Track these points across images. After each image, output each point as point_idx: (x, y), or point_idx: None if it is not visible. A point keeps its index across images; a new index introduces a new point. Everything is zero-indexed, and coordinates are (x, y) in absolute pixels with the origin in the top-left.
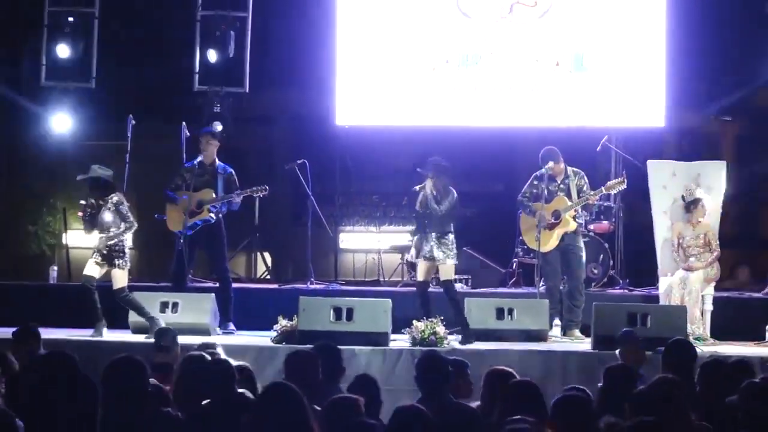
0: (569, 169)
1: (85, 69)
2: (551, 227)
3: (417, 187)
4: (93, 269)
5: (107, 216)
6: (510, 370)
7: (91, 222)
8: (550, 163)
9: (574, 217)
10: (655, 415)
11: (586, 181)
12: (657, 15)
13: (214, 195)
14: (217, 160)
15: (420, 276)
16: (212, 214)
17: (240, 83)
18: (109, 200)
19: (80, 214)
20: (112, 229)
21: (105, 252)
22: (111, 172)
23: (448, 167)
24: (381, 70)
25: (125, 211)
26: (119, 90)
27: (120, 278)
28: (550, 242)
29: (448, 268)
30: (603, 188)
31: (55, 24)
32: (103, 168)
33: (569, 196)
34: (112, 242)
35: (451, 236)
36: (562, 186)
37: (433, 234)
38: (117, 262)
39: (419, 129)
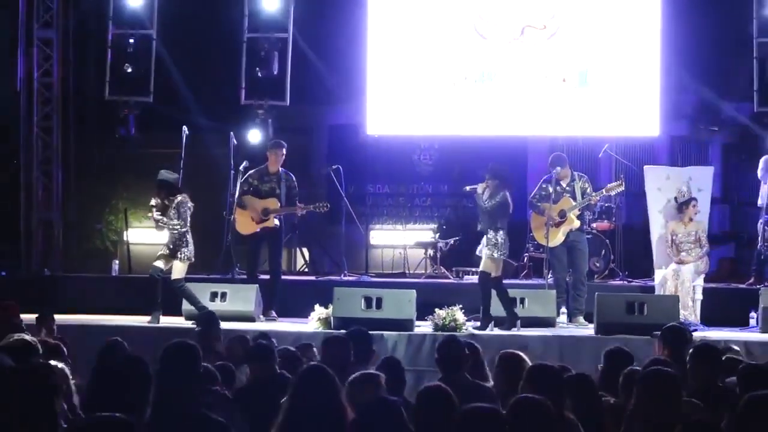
0: (574, 173)
1: (144, 84)
2: (558, 225)
3: (468, 188)
4: (160, 261)
5: (172, 214)
6: (520, 353)
7: (160, 220)
8: (558, 168)
9: (578, 216)
10: (646, 392)
11: (590, 183)
12: (651, 36)
13: (279, 205)
14: (280, 167)
15: (480, 267)
16: (276, 221)
17: (282, 97)
18: (174, 200)
19: (149, 214)
20: (175, 226)
21: (171, 246)
22: (176, 175)
23: (502, 171)
24: (407, 86)
25: (183, 211)
26: (174, 103)
27: (179, 270)
28: (557, 238)
29: (487, 261)
30: (603, 190)
31: (118, 44)
32: (169, 171)
33: (574, 197)
34: (176, 237)
35: (501, 233)
36: (567, 188)
37: (487, 230)
38: (179, 255)
39: (441, 138)
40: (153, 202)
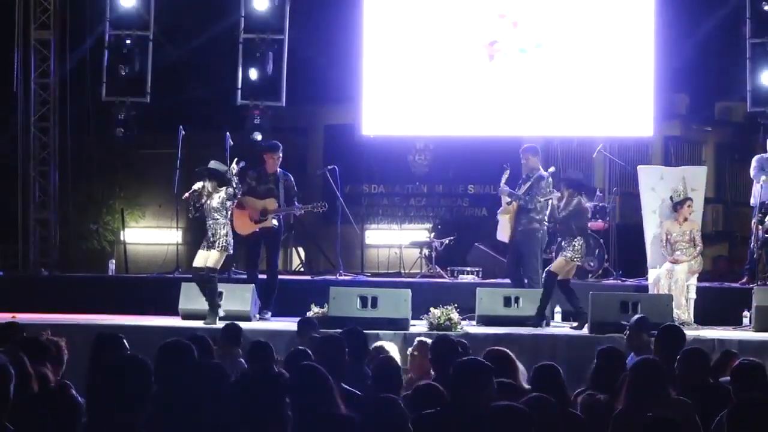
0: (541, 171)
1: (141, 85)
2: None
3: (544, 198)
4: (199, 259)
5: (215, 203)
6: (506, 350)
7: (196, 207)
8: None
9: (524, 213)
10: (640, 391)
11: (544, 185)
12: (645, 37)
13: (277, 205)
14: (278, 169)
15: (551, 267)
16: (275, 221)
17: (278, 98)
18: (222, 191)
19: (186, 195)
20: (216, 216)
21: (210, 236)
22: (226, 168)
23: (576, 180)
24: (402, 86)
25: (230, 205)
26: (171, 104)
27: (215, 259)
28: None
29: (561, 262)
30: None
31: (115, 46)
32: (219, 163)
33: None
34: (217, 227)
35: (579, 240)
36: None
37: (565, 237)
38: (217, 245)
39: (436, 138)
40: (197, 186)
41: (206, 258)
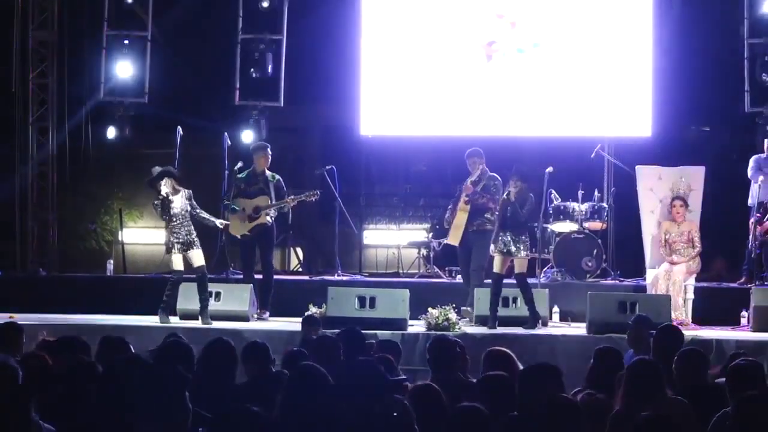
0: (488, 173)
1: (139, 85)
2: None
3: (504, 196)
4: (178, 263)
5: (185, 204)
6: (507, 350)
7: (166, 211)
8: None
9: (474, 215)
10: (637, 391)
11: (495, 184)
12: (643, 37)
13: (269, 201)
14: (266, 169)
15: (495, 268)
16: (269, 218)
17: (276, 98)
18: (185, 191)
19: (172, 204)
20: (187, 216)
21: (186, 238)
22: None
23: (527, 172)
24: (400, 87)
25: (192, 202)
26: (169, 104)
27: (202, 257)
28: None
29: (520, 262)
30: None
31: (113, 46)
32: (156, 167)
33: None
34: (189, 227)
35: (527, 235)
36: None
37: (518, 233)
38: (197, 245)
39: (434, 138)
40: (163, 193)
41: (180, 260)
